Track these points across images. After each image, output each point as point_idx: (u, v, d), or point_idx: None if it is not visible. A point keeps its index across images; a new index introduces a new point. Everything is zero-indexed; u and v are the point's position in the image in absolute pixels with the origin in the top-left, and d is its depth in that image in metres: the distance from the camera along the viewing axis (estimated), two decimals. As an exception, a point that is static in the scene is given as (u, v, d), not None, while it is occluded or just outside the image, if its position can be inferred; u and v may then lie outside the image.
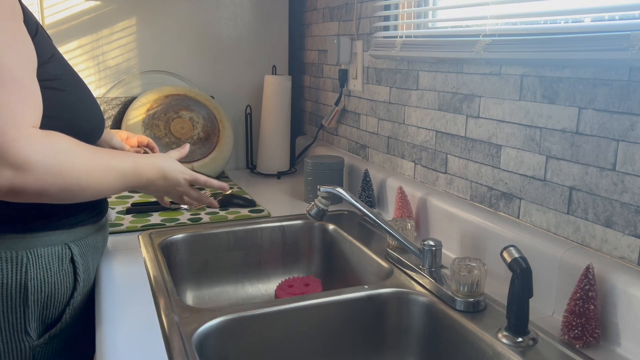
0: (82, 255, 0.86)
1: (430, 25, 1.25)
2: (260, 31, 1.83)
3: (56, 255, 0.82)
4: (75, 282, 0.86)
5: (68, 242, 0.84)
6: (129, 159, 0.85)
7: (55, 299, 0.83)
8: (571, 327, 0.76)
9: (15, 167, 0.65)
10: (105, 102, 1.62)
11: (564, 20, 0.88)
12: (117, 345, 0.76)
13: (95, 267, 0.92)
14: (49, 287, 0.82)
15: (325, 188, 1.03)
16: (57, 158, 0.69)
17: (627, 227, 0.78)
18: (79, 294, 0.86)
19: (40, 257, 0.80)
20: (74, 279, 0.85)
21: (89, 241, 0.88)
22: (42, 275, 0.80)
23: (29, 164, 0.66)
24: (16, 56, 0.70)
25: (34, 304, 0.81)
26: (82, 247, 0.86)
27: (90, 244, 0.88)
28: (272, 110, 1.71)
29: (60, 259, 0.83)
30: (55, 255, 0.82)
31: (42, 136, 0.69)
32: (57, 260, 0.82)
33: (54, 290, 0.82)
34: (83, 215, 0.87)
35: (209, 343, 0.82)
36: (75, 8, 1.60)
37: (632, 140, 0.76)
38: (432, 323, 0.91)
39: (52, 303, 0.83)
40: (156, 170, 0.90)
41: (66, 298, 0.85)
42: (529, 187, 0.95)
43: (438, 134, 1.19)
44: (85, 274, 0.87)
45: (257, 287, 1.27)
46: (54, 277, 0.82)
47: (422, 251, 0.95)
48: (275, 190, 1.58)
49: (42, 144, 0.68)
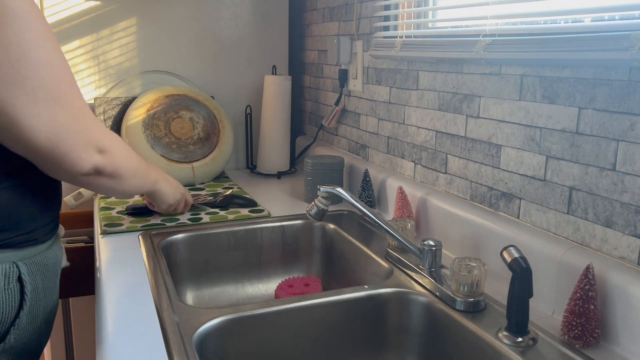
0: (30, 274, 0.83)
1: (430, 25, 1.25)
2: (260, 31, 1.83)
3: (2, 273, 0.79)
4: (22, 302, 0.82)
5: (16, 261, 0.81)
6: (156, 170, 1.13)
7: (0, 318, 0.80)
8: (571, 327, 0.76)
9: (102, 151, 0.83)
10: (105, 102, 1.62)
11: (564, 20, 0.88)
12: (117, 345, 0.76)
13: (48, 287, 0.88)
14: None
15: (325, 188, 1.03)
16: (125, 148, 0.91)
17: (627, 227, 0.78)
18: (25, 314, 0.82)
19: None
20: (21, 298, 0.82)
21: (38, 259, 0.85)
22: None
23: (110, 149, 0.85)
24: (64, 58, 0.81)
25: None
26: (30, 265, 0.83)
27: (39, 262, 0.85)
28: (272, 110, 1.71)
29: (7, 277, 0.79)
30: (2, 274, 0.79)
31: (111, 131, 0.89)
32: (3, 278, 0.79)
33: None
34: (35, 234, 0.85)
35: (209, 343, 0.82)
36: (75, 8, 1.60)
37: (632, 140, 0.76)
38: (432, 323, 0.91)
39: None
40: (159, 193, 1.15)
41: (11, 318, 0.81)
42: (529, 187, 0.95)
43: (438, 134, 1.19)
44: (34, 294, 0.83)
45: (257, 287, 1.27)
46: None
47: (422, 251, 0.95)
48: (275, 190, 1.58)
49: (115, 137, 0.89)
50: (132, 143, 1.53)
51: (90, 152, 0.81)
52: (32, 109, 0.73)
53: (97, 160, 0.82)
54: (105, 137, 0.84)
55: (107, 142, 0.84)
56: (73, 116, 0.78)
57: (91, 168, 0.81)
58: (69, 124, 0.77)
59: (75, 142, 0.78)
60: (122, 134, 1.57)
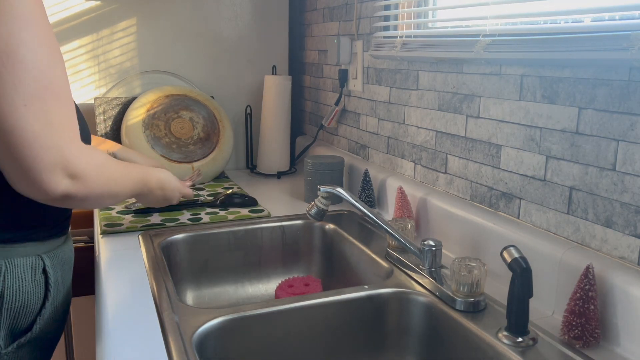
0: (52, 267, 0.86)
1: (430, 25, 1.25)
2: (260, 31, 1.83)
3: (30, 265, 0.82)
4: (47, 293, 0.85)
5: (40, 254, 0.84)
6: (139, 168, 0.99)
7: (27, 308, 0.83)
8: (571, 327, 0.76)
9: (72, 176, 0.74)
10: (105, 102, 1.62)
11: (564, 20, 0.88)
12: (117, 345, 0.76)
13: (65, 280, 0.91)
14: (22, 296, 0.81)
15: (325, 188, 1.03)
16: (100, 170, 0.79)
17: (627, 227, 0.78)
18: (50, 304, 0.86)
19: (16, 267, 0.80)
20: (45, 290, 0.85)
21: (58, 253, 0.88)
22: (17, 285, 0.80)
23: (83, 175, 0.75)
24: (61, 65, 0.74)
25: (7, 312, 0.81)
26: (52, 258, 0.86)
27: (59, 255, 0.89)
28: (272, 110, 1.71)
29: (34, 270, 0.83)
30: (29, 266, 0.82)
31: (89, 150, 0.78)
32: (31, 270, 0.82)
33: (27, 300, 0.82)
34: (55, 229, 0.88)
35: (209, 343, 0.82)
36: (75, 8, 1.60)
37: (632, 140, 0.76)
38: (432, 323, 0.91)
39: (23, 313, 0.82)
40: (157, 181, 1.04)
41: (37, 308, 0.84)
42: (529, 187, 0.95)
43: (438, 134, 1.19)
44: (55, 285, 0.87)
45: (257, 287, 1.27)
46: (28, 287, 0.82)
47: (422, 251, 0.95)
48: (275, 190, 1.58)
49: (92, 157, 0.78)
50: (132, 143, 1.53)
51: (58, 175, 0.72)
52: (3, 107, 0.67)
53: (65, 187, 0.73)
54: (80, 159, 0.74)
55: (81, 166, 0.74)
56: (48, 127, 0.70)
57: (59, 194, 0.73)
58: (39, 135, 0.69)
59: (43, 159, 0.70)
60: (122, 134, 1.57)
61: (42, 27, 0.72)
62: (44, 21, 0.73)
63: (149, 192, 1.02)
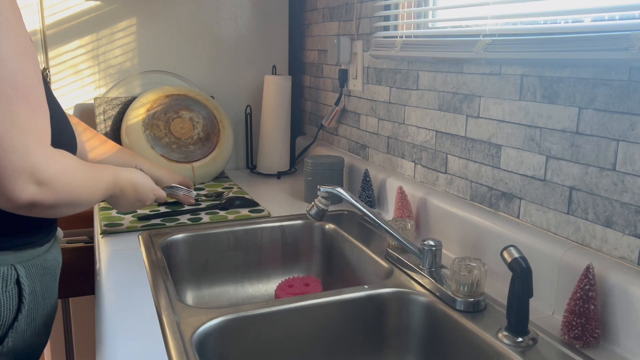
0: (28, 277, 0.81)
1: (430, 25, 1.25)
2: (260, 31, 1.83)
3: (0, 276, 0.78)
4: (20, 304, 0.81)
5: (14, 264, 0.80)
6: (110, 170, 0.95)
7: None
8: (571, 327, 0.76)
9: (39, 183, 0.70)
10: (105, 102, 1.62)
11: (564, 20, 0.88)
12: (117, 345, 0.76)
13: (47, 291, 0.87)
14: None
15: (325, 188, 1.03)
16: (70, 176, 0.76)
17: (627, 227, 0.78)
18: (24, 317, 0.81)
19: None
20: (19, 301, 0.80)
21: (38, 262, 0.84)
22: None
23: (51, 181, 0.71)
24: (34, 68, 0.71)
25: None
26: (29, 268, 0.82)
27: (39, 264, 0.84)
28: (272, 110, 1.71)
29: (5, 280, 0.78)
30: (0, 276, 0.78)
31: (59, 155, 0.74)
32: (1, 281, 0.78)
33: None
34: (33, 237, 0.84)
35: (209, 343, 0.82)
36: (75, 8, 1.60)
37: (632, 140, 0.76)
38: (432, 323, 0.91)
39: None
40: (130, 183, 1.02)
41: (9, 321, 0.80)
42: (529, 187, 0.95)
43: (438, 134, 1.19)
44: (32, 297, 0.82)
45: (257, 287, 1.27)
46: None
47: (422, 251, 0.95)
48: (275, 190, 1.58)
49: (61, 163, 0.74)
50: (132, 143, 1.53)
51: (24, 181, 0.68)
52: None
53: (32, 194, 0.69)
54: (49, 165, 0.71)
55: (49, 172, 0.71)
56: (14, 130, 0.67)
57: (24, 201, 0.70)
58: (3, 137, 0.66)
59: (7, 163, 0.66)
60: (122, 134, 1.57)
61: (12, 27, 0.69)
62: (16, 22, 0.70)
63: (120, 194, 1.00)
